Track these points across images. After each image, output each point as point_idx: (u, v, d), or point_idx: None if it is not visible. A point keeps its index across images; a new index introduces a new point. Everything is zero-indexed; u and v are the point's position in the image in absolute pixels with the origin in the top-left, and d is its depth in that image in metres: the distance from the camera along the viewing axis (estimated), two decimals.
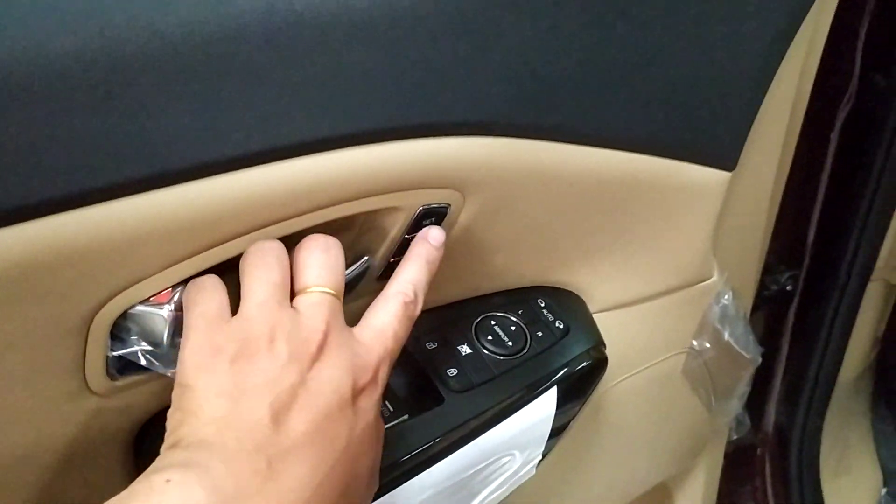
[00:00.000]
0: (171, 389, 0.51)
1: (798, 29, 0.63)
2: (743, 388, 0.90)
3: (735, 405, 0.91)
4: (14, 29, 0.41)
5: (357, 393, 0.46)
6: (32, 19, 0.41)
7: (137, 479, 0.41)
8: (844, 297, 1.00)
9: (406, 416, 0.58)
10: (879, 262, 0.98)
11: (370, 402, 0.47)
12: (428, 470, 0.59)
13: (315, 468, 0.43)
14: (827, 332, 1.04)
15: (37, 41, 0.41)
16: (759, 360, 0.86)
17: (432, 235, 0.54)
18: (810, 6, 0.63)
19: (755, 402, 1.12)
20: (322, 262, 0.48)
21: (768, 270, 0.99)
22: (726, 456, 1.08)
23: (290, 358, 0.44)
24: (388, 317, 0.49)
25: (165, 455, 0.42)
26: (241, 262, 0.48)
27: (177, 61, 0.43)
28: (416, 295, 0.51)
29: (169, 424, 0.44)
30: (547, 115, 0.55)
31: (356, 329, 0.49)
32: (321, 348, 0.45)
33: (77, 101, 0.42)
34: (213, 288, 0.48)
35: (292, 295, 0.48)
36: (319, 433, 0.44)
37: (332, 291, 0.48)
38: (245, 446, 0.41)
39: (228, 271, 0.50)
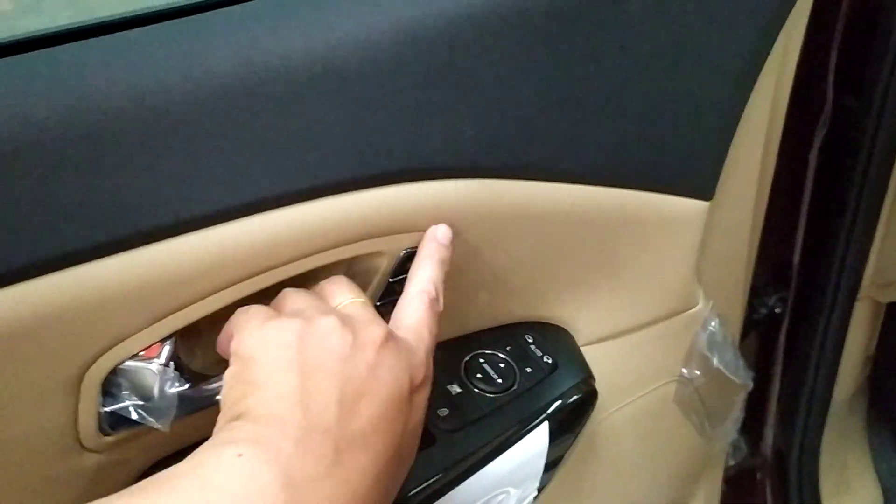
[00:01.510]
0: (164, 443, 0.51)
1: (766, 57, 0.65)
2: (737, 413, 0.90)
3: (730, 431, 0.91)
4: None
5: (413, 389, 0.47)
6: (15, 87, 0.42)
7: (201, 447, 0.41)
8: (833, 317, 1.01)
9: None
10: (865, 281, 0.99)
11: (423, 399, 0.48)
12: None
13: (376, 458, 0.43)
14: (818, 352, 1.04)
15: (19, 108, 0.42)
16: (751, 384, 0.86)
17: (441, 234, 0.55)
18: (777, 34, 0.65)
19: (752, 426, 1.12)
20: (349, 285, 0.51)
21: (756, 294, 0.99)
22: (727, 481, 1.07)
23: (355, 344, 0.45)
24: (420, 315, 0.50)
25: (233, 427, 0.42)
26: (277, 299, 0.50)
27: (156, 122, 0.44)
28: (437, 292, 0.52)
29: (228, 395, 0.44)
30: (522, 156, 0.56)
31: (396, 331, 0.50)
32: (384, 341, 0.46)
33: (59, 165, 0.43)
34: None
35: None
36: (382, 423, 0.44)
37: (368, 303, 0.49)
38: (316, 428, 0.42)
39: (218, 324, 0.51)
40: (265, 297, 0.51)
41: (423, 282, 0.52)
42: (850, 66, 0.85)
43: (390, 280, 0.56)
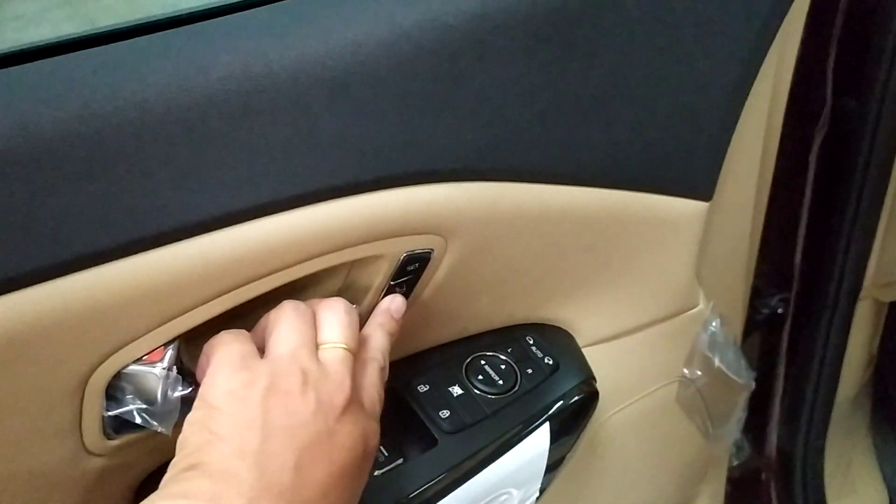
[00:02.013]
0: (168, 447, 0.52)
1: (764, 58, 0.65)
2: (739, 413, 0.90)
3: (732, 431, 0.91)
4: (1, 106, 0.42)
5: (367, 454, 0.48)
6: (19, 96, 0.43)
7: (155, 496, 0.42)
8: (836, 317, 1.01)
9: (401, 461, 0.59)
10: (867, 281, 0.99)
11: (370, 464, 0.50)
12: None
13: None
14: (821, 352, 1.04)
15: (24, 117, 0.42)
16: (753, 384, 0.87)
17: (395, 307, 0.56)
18: (774, 35, 0.65)
19: (756, 427, 1.12)
20: (344, 321, 0.50)
21: (758, 294, 0.99)
22: (731, 482, 1.08)
23: (318, 407, 0.46)
24: (373, 381, 0.51)
25: (189, 478, 0.43)
26: (271, 315, 0.50)
27: (158, 129, 0.45)
28: (385, 362, 0.53)
29: (190, 440, 0.45)
30: (522, 158, 0.56)
31: None
32: (346, 406, 0.47)
33: (63, 172, 0.43)
34: (243, 335, 0.50)
35: None
36: (334, 487, 0.45)
37: (351, 349, 0.50)
38: (271, 490, 0.43)
39: (221, 328, 0.51)
40: (267, 300, 0.52)
41: (373, 350, 0.53)
42: (848, 66, 0.85)
43: (391, 283, 0.57)
